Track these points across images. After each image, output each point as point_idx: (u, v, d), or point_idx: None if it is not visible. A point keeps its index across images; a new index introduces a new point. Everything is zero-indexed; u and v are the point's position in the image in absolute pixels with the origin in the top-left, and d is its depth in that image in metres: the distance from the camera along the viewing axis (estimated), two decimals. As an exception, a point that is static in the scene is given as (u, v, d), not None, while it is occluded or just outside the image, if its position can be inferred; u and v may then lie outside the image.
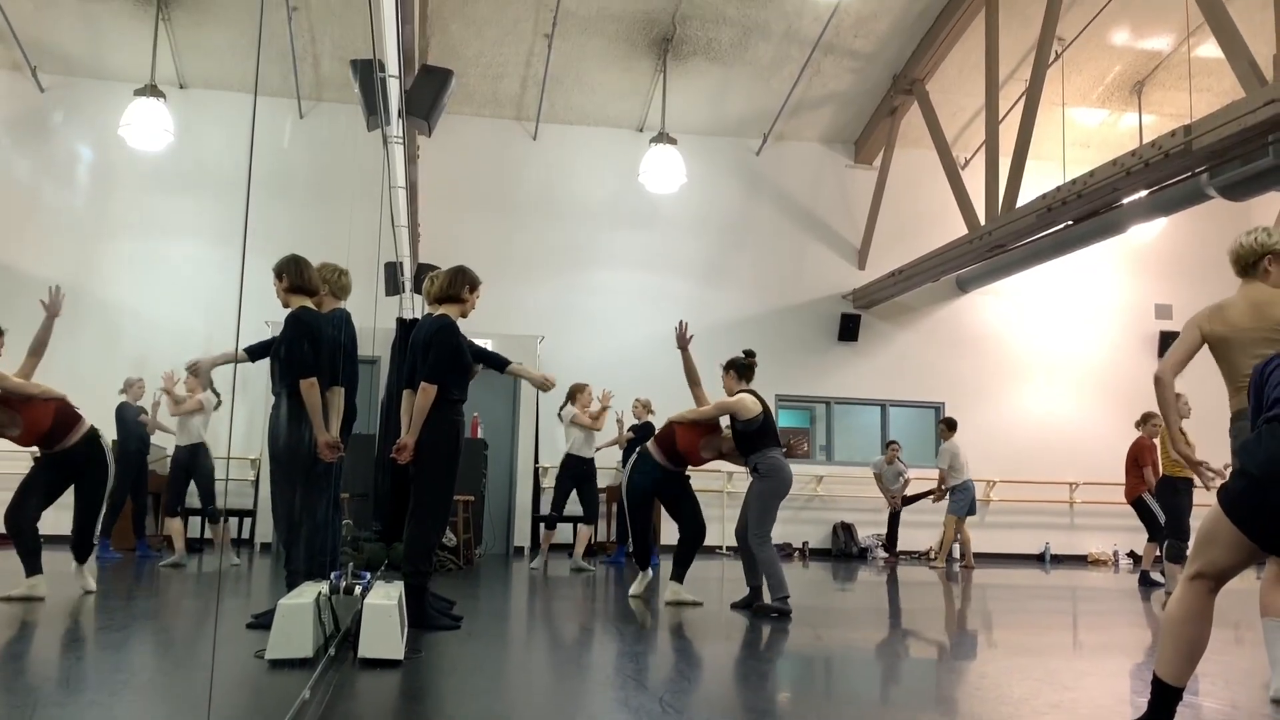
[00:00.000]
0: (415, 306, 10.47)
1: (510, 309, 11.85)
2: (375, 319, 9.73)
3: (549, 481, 11.80)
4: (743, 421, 6.10)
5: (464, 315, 5.26)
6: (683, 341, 6.47)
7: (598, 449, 9.43)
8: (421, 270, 10.21)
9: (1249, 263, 3.88)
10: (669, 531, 6.84)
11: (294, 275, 5.03)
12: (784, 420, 12.99)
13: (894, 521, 11.65)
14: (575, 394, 9.24)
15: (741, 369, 6.37)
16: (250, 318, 5.38)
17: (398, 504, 8.52)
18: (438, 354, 4.97)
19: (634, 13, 10.73)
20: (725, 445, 6.33)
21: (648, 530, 6.73)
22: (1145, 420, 9.32)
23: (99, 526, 5.95)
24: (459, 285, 5.25)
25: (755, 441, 6.08)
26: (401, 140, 5.86)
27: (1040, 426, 12.94)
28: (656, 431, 6.79)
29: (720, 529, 10.37)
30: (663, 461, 6.46)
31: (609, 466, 10.72)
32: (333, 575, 4.01)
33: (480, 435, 9.69)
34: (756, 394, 6.23)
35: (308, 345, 4.76)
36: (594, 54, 11.39)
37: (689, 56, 11.39)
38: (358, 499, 9.06)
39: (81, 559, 5.90)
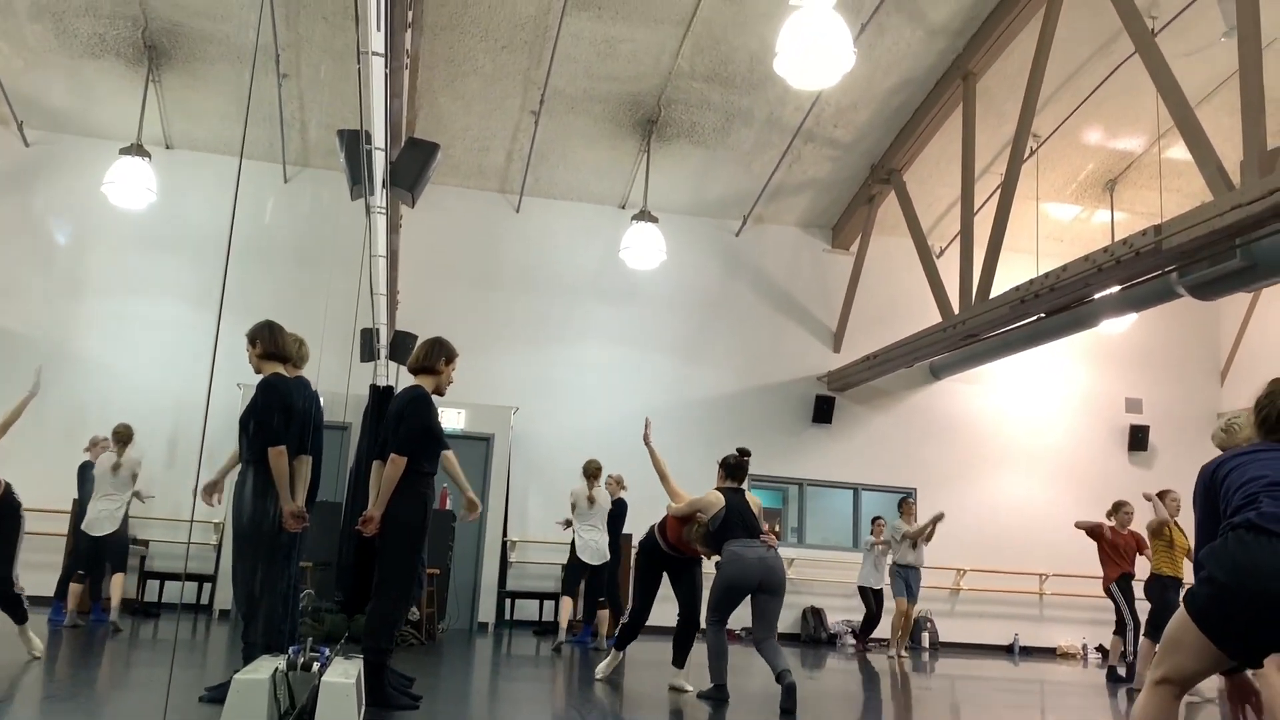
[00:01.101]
0: (390, 373, 10.42)
1: (486, 379, 11.82)
2: (349, 385, 9.69)
3: (517, 555, 11.66)
4: (709, 518, 6.16)
5: (439, 390, 5.23)
6: (646, 438, 6.64)
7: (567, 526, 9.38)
8: (398, 338, 10.20)
9: None
10: (657, 614, 6.79)
11: (268, 341, 5.02)
12: (756, 501, 12.94)
13: (875, 600, 11.13)
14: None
15: (729, 468, 6.39)
16: (223, 380, 5.33)
17: (361, 575, 8.38)
18: (409, 426, 4.93)
19: (620, 94, 10.92)
20: (696, 538, 6.33)
21: (645, 610, 6.69)
22: (1116, 509, 9.36)
23: (16, 581, 5.78)
24: (435, 357, 5.23)
25: (717, 536, 6.13)
26: (384, 211, 5.89)
27: (1011, 516, 12.95)
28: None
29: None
30: (666, 549, 6.59)
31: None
32: (291, 650, 3.92)
33: (449, 507, 9.57)
34: (735, 489, 6.27)
35: (278, 413, 4.73)
36: (579, 131, 11.56)
37: (673, 138, 11.57)
38: (321, 568, 8.90)
39: (17, 618, 5.72)
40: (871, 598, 11.04)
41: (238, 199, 8.70)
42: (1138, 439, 13.45)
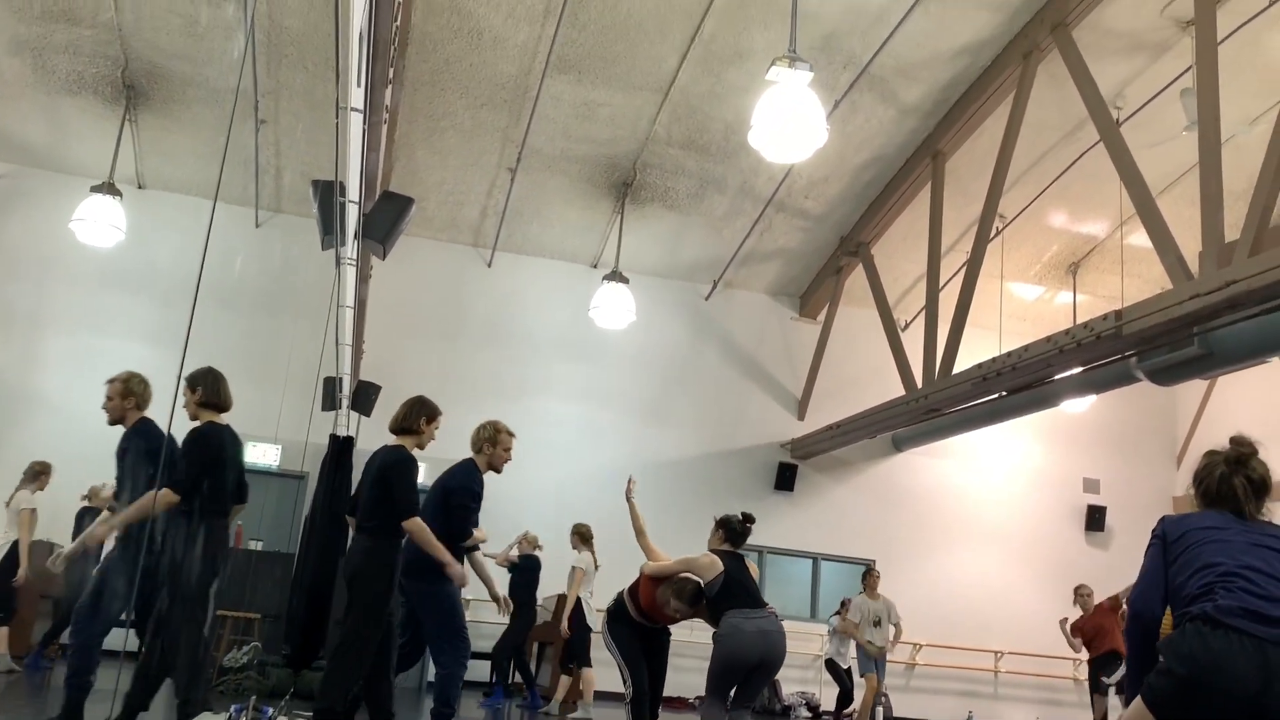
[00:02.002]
0: (351, 423, 10.32)
1: (450, 433, 11.61)
2: (308, 433, 9.59)
3: (470, 614, 11.44)
4: (706, 583, 5.70)
5: (420, 446, 5.25)
6: (629, 494, 6.33)
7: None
8: (361, 387, 10.12)
9: None
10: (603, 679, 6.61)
11: (209, 390, 4.95)
12: (715, 566, 12.86)
13: (847, 676, 10.94)
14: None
15: (732, 531, 5.93)
16: (183, 423, 5.26)
17: (311, 628, 8.23)
18: (402, 489, 4.94)
19: (597, 156, 11.04)
20: (672, 599, 5.83)
21: (643, 678, 5.96)
22: (1077, 594, 9.38)
23: None
24: (415, 417, 5.26)
25: (715, 604, 5.67)
26: (355, 262, 5.88)
27: (968, 591, 12.95)
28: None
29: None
30: (636, 616, 6.00)
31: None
32: (233, 709, 3.82)
33: (403, 562, 9.43)
34: (733, 555, 5.84)
35: (209, 465, 4.67)
36: (555, 190, 11.65)
37: (647, 201, 11.69)
38: (269, 620, 8.72)
39: None
40: (842, 673, 10.87)
41: (209, 241, 8.66)
42: (1095, 519, 13.55)
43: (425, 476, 11.29)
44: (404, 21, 8.12)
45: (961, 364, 9.67)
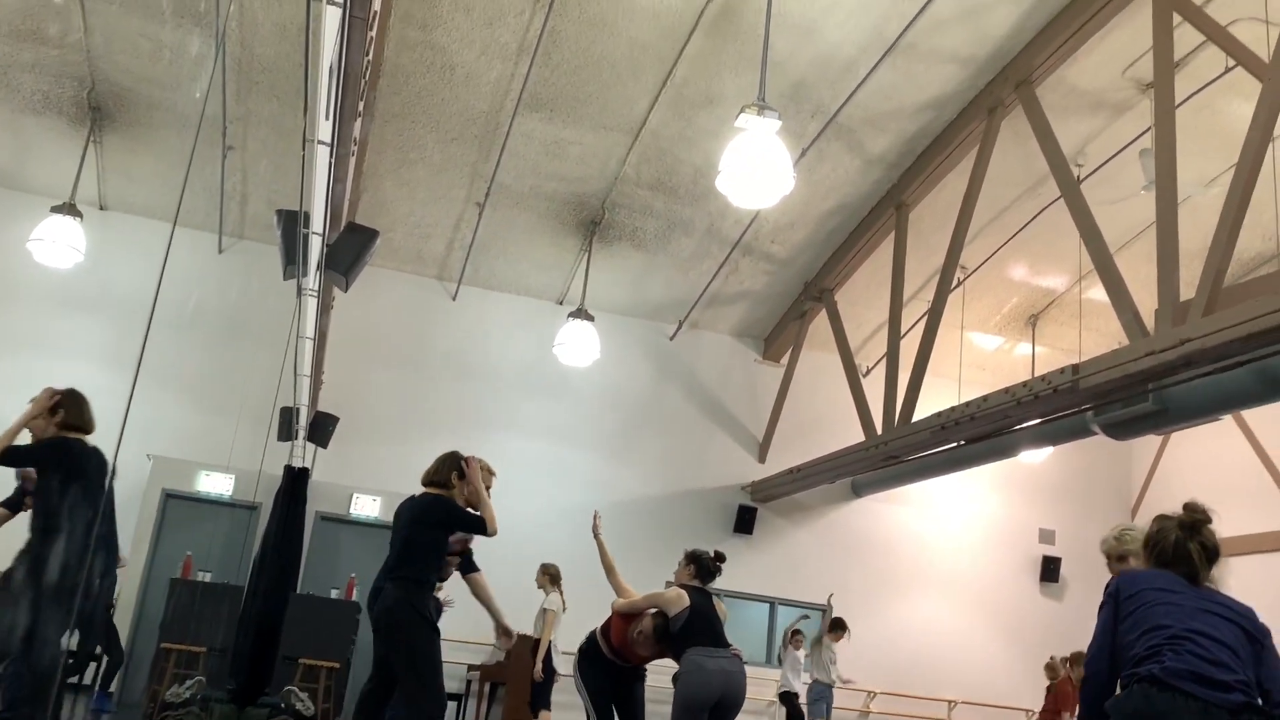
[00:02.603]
0: (307, 455, 10.19)
1: (409, 467, 11.50)
2: (262, 463, 9.45)
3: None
4: (671, 617, 5.62)
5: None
6: (596, 531, 6.26)
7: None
8: (319, 418, 10.00)
9: None
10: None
11: (73, 411, 4.85)
12: (672, 608, 12.78)
13: (797, 707, 10.90)
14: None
15: (702, 567, 5.89)
16: (133, 448, 5.17)
17: (258, 663, 8.05)
18: (459, 519, 5.20)
19: (566, 194, 11.07)
20: (640, 636, 5.73)
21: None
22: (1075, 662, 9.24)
23: None
24: (446, 471, 5.30)
25: (678, 640, 5.59)
26: (316, 293, 5.83)
27: (922, 639, 12.96)
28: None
29: None
30: (609, 655, 5.86)
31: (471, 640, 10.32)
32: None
33: (355, 598, 9.28)
34: (701, 591, 5.78)
35: (66, 480, 4.59)
36: (522, 226, 11.65)
37: (615, 240, 11.72)
38: (215, 654, 8.53)
39: None
40: (796, 705, 10.76)
41: (166, 265, 8.53)
42: (1049, 570, 13.64)
43: (383, 511, 11.20)
44: (376, 54, 8.13)
45: (921, 412, 9.74)
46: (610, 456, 12.56)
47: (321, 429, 10.06)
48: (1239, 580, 11.10)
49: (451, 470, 5.34)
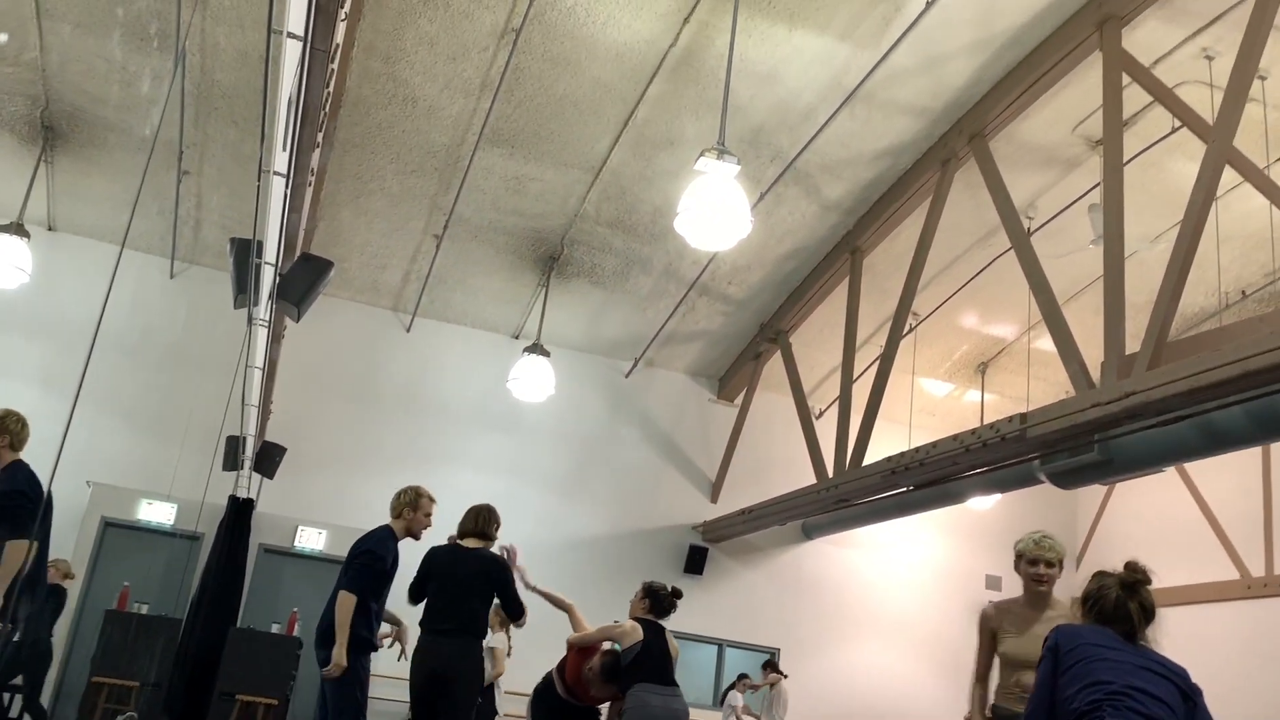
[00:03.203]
0: (252, 485, 10.02)
1: (357, 500, 11.46)
2: (205, 492, 9.27)
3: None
4: (622, 650, 5.61)
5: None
6: (520, 574, 6.03)
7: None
8: (266, 449, 9.86)
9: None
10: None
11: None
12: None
13: None
14: None
15: (658, 601, 5.92)
16: (70, 473, 5.05)
17: (193, 698, 7.86)
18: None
19: (525, 229, 11.07)
20: (591, 674, 5.67)
21: None
22: None
23: None
24: (490, 523, 5.72)
25: (626, 675, 5.56)
26: (267, 323, 5.76)
27: (869, 683, 12.96)
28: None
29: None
30: (564, 694, 5.82)
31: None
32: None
33: (296, 633, 9.09)
34: (655, 626, 5.78)
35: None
36: (480, 259, 11.63)
37: (573, 276, 11.73)
38: (149, 688, 8.30)
39: None
40: None
41: (113, 288, 8.41)
42: (996, 615, 13.69)
43: (328, 545, 11.02)
44: (338, 85, 8.12)
45: (872, 456, 9.81)
46: (562, 493, 12.49)
47: (268, 459, 9.92)
48: (1179, 630, 11.25)
49: (493, 523, 5.71)
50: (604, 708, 6.19)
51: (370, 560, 5.39)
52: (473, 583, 5.46)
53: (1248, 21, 6.70)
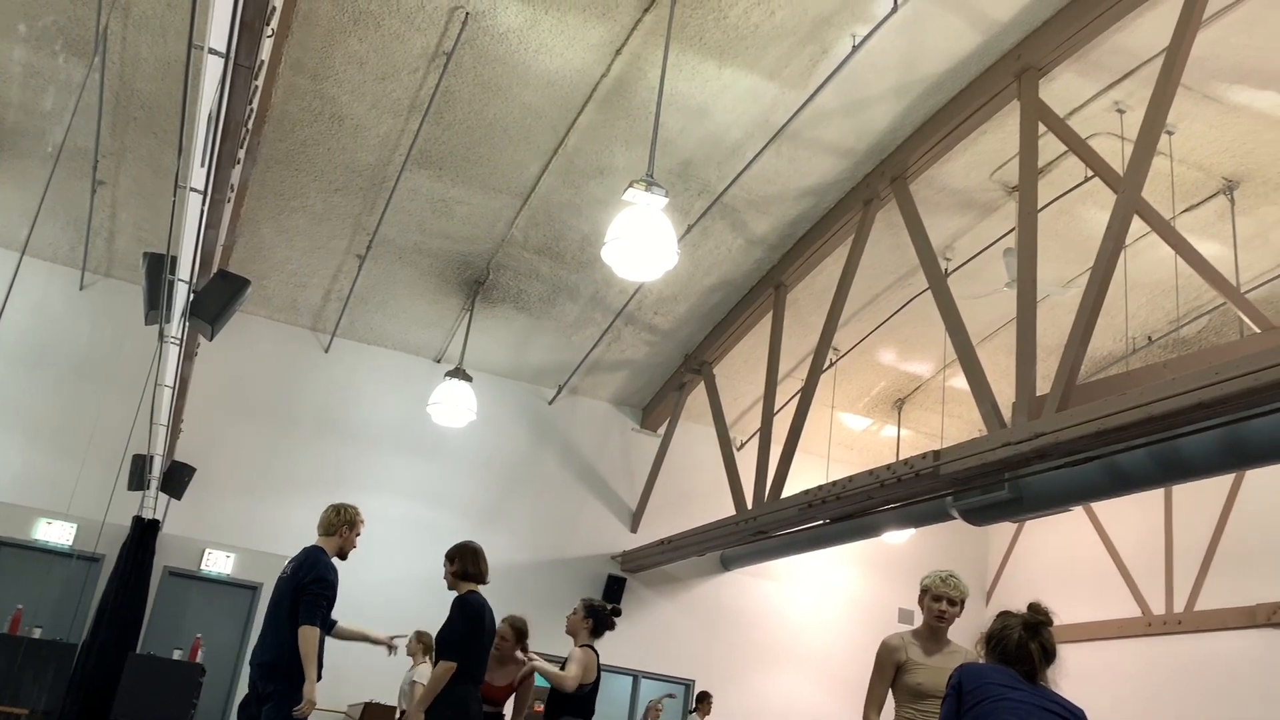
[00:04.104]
0: (159, 506, 9.72)
1: (267, 523, 11.20)
2: (107, 512, 8.96)
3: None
4: (582, 682, 5.70)
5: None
6: (529, 659, 6.17)
7: None
8: (174, 469, 9.57)
9: None
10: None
11: None
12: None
13: None
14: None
15: (599, 622, 6.06)
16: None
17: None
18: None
19: (451, 252, 10.99)
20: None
21: None
22: None
23: None
24: (479, 563, 5.69)
25: (558, 705, 5.69)
26: (179, 341, 5.60)
27: (784, 714, 13.00)
28: None
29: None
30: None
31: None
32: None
33: (199, 660, 8.80)
34: (596, 654, 5.88)
35: None
36: (404, 281, 11.49)
37: (498, 301, 11.66)
38: (37, 717, 7.95)
39: None
40: None
41: (10, 297, 8.08)
42: (908, 648, 13.88)
43: (235, 569, 10.71)
44: (263, 100, 7.99)
45: (791, 488, 9.90)
46: (480, 521, 12.32)
47: (176, 479, 9.63)
48: (1083, 666, 11.59)
49: (482, 562, 5.73)
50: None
51: (324, 589, 5.26)
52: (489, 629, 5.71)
53: (1156, 79, 6.98)
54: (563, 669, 5.88)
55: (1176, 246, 7.73)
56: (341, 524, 5.48)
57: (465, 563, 5.63)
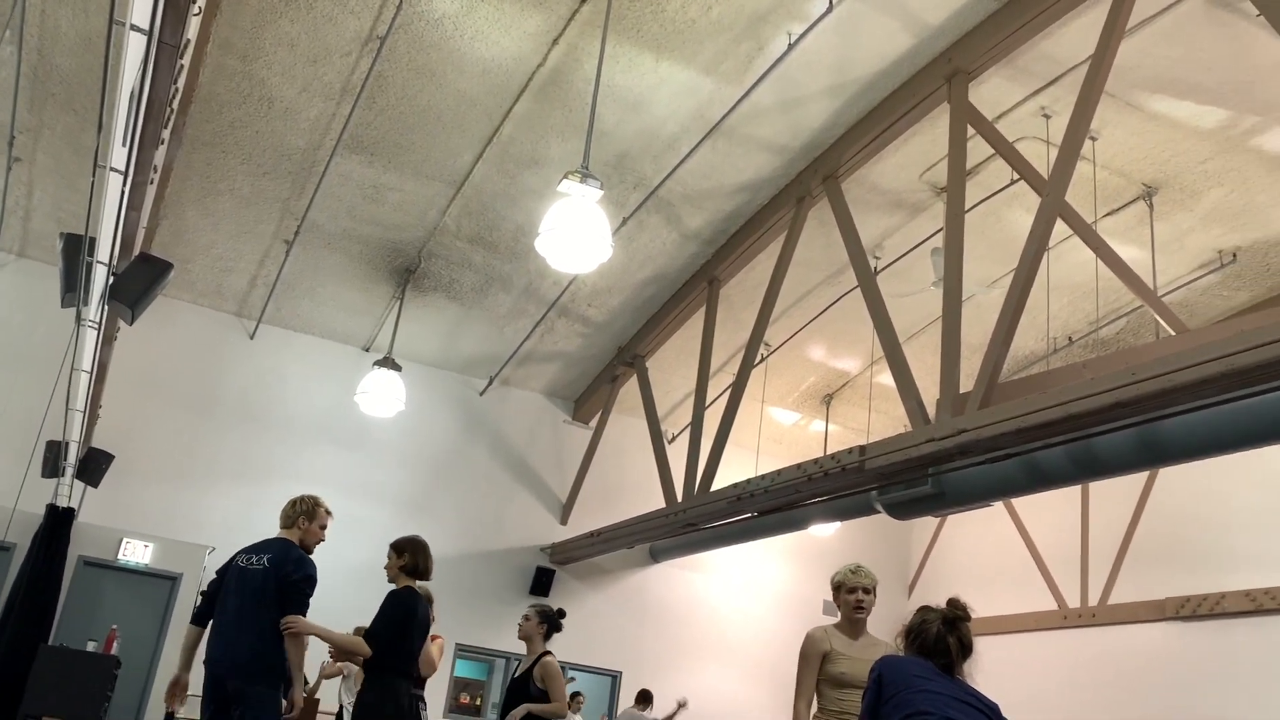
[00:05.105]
0: (74, 494, 9.45)
1: (183, 512, 10.96)
2: (18, 500, 8.69)
3: (186, 712, 10.52)
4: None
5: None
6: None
7: None
8: (91, 456, 9.31)
9: None
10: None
11: None
12: (460, 670, 12.46)
13: None
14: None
15: (553, 629, 6.17)
16: None
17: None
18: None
19: (381, 239, 10.84)
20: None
21: None
22: None
23: None
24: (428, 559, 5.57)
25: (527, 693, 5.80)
26: (97, 325, 5.44)
27: (707, 707, 13.10)
28: None
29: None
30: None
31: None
32: None
33: (114, 652, 8.58)
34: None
35: None
36: (332, 268, 11.31)
37: (430, 290, 11.54)
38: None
39: None
40: None
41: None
42: (832, 640, 14.09)
43: (154, 559, 10.45)
44: (190, 80, 7.79)
45: (721, 481, 9.97)
46: (407, 512, 12.18)
47: (93, 466, 9.36)
48: (1002, 657, 11.85)
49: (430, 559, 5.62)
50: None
51: (311, 588, 5.11)
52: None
53: (1081, 85, 7.16)
54: (543, 687, 5.97)
55: (1097, 250, 7.94)
56: (298, 515, 5.24)
57: (417, 557, 5.51)
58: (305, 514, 5.25)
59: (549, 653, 6.06)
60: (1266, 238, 10.04)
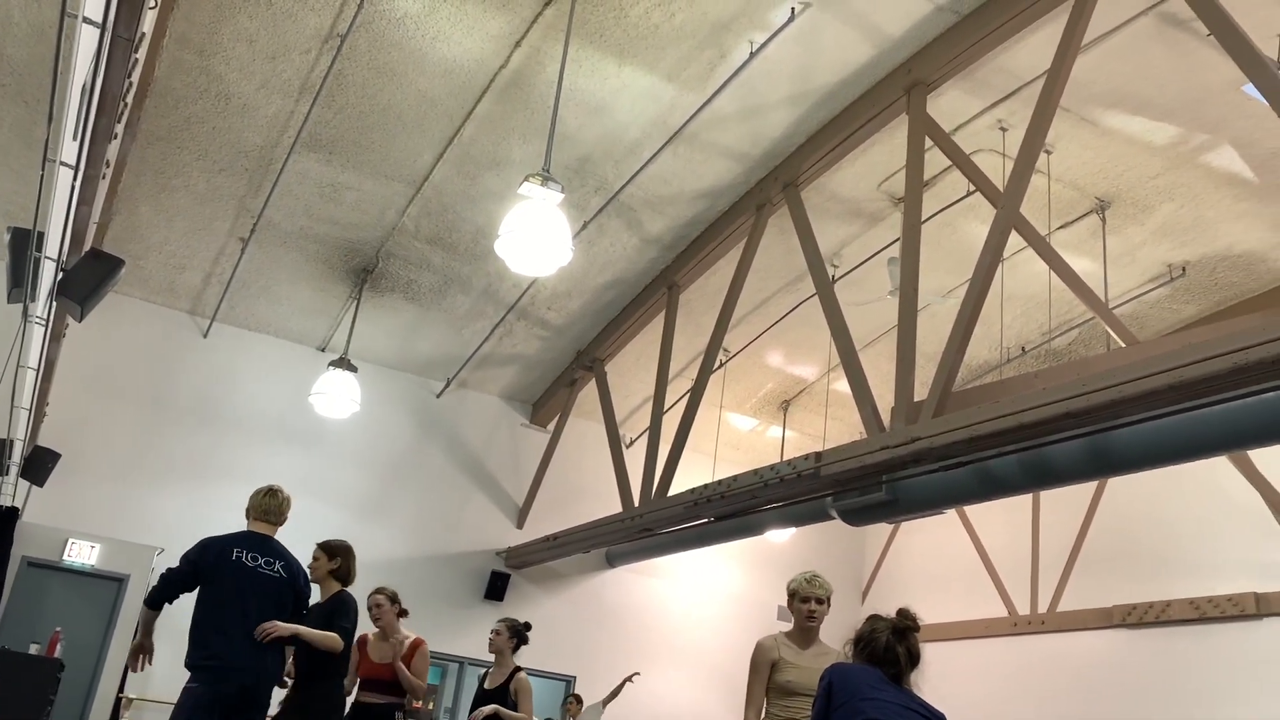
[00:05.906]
0: (19, 493, 9.26)
1: (131, 512, 10.78)
2: (-37, 501, 8.49)
3: (131, 715, 10.35)
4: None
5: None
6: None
7: None
8: (37, 454, 9.13)
9: None
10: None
11: None
12: (413, 674, 12.35)
13: None
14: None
15: (521, 644, 6.40)
16: None
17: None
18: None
19: (338, 239, 10.74)
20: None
21: None
22: None
23: None
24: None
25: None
26: (44, 321, 5.34)
27: (664, 710, 13.11)
28: None
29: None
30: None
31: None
32: None
33: (58, 654, 8.41)
34: None
35: None
36: (288, 267, 11.19)
37: (387, 291, 11.45)
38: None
39: None
40: None
41: None
42: (786, 645, 14.16)
43: (100, 560, 10.26)
44: (145, 74, 7.67)
45: (678, 486, 9.98)
46: (361, 515, 12.07)
47: (38, 465, 9.18)
48: (953, 663, 11.96)
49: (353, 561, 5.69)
50: None
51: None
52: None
53: (1037, 99, 7.27)
54: (515, 700, 6.29)
55: (1051, 262, 8.06)
56: (285, 515, 5.48)
57: (348, 562, 5.54)
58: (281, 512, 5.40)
59: (520, 669, 6.22)
60: (1214, 252, 10.26)
